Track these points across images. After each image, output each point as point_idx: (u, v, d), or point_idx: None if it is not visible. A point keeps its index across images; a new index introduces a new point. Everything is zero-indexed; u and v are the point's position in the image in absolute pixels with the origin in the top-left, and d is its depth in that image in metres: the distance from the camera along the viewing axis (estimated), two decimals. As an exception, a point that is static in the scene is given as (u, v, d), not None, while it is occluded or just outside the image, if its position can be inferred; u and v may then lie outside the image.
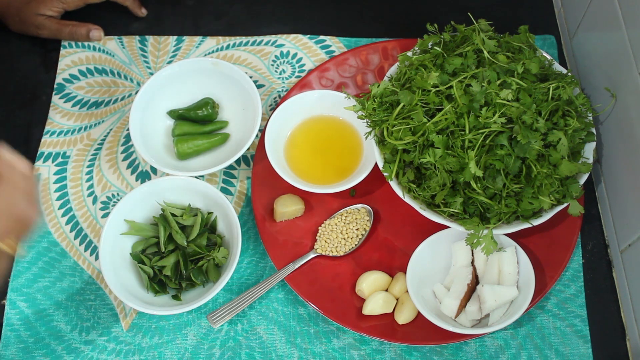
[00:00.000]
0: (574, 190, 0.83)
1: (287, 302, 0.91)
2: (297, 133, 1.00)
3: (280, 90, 1.07)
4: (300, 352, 0.88)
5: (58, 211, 0.98)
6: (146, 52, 1.10)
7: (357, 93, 1.04)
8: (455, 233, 0.89)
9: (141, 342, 0.89)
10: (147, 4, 1.14)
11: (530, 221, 0.84)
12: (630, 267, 0.88)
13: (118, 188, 1.00)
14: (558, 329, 0.89)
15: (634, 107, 0.85)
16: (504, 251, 0.87)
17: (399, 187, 0.87)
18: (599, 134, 0.94)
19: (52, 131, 1.04)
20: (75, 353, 0.89)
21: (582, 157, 0.87)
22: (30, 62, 1.10)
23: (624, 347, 0.89)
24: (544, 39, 1.09)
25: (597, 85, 0.95)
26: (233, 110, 1.03)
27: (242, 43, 1.11)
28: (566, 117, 0.84)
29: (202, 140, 0.99)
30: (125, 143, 1.03)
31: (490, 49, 0.87)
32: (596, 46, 0.97)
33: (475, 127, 0.82)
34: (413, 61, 0.90)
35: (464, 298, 0.86)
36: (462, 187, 0.84)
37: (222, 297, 0.92)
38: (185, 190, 0.93)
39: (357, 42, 1.10)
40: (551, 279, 0.89)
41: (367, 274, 0.90)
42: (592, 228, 0.96)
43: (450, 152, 0.82)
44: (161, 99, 1.01)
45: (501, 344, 0.89)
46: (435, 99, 0.84)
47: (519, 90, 0.84)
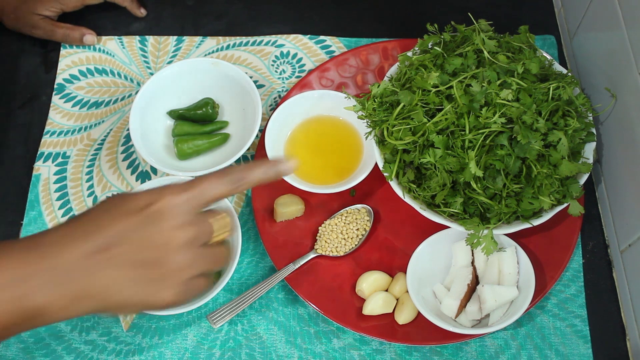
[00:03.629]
0: (574, 191, 0.83)
1: (287, 302, 0.92)
2: (297, 133, 1.00)
3: (280, 90, 1.07)
4: (300, 352, 0.88)
5: (58, 211, 0.98)
6: (146, 52, 1.10)
7: (357, 93, 1.04)
8: (455, 233, 0.89)
9: (141, 342, 0.89)
10: (147, 4, 1.14)
11: (531, 221, 0.84)
12: (630, 267, 0.88)
13: (118, 188, 1.00)
14: (558, 329, 0.89)
15: (634, 107, 0.85)
16: (504, 251, 0.87)
17: (399, 187, 0.87)
18: (599, 134, 0.94)
19: (52, 131, 1.04)
20: (75, 353, 0.89)
21: (582, 157, 0.87)
22: (30, 62, 1.10)
23: (624, 347, 0.89)
24: (544, 39, 1.09)
25: (597, 85, 0.95)
26: (233, 110, 1.03)
27: (242, 43, 1.11)
28: (566, 117, 0.84)
29: (202, 140, 0.99)
30: (125, 143, 1.03)
31: (491, 49, 0.87)
32: (596, 46, 0.97)
33: (476, 127, 0.82)
34: (413, 61, 0.90)
35: (464, 298, 0.86)
36: (462, 187, 0.84)
37: (222, 297, 0.92)
38: (185, 190, 0.93)
39: (357, 42, 1.10)
40: (551, 279, 0.89)
41: (367, 274, 0.90)
42: (592, 228, 0.96)
43: (450, 152, 0.82)
44: (161, 99, 1.01)
45: (501, 344, 0.89)
46: (436, 99, 0.84)
47: (519, 90, 0.84)
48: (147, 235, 0.59)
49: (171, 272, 0.60)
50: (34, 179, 1.00)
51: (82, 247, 0.58)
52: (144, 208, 0.60)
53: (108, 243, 0.59)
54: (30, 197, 0.99)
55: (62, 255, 0.58)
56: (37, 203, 0.98)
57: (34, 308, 0.57)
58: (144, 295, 0.60)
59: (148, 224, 0.60)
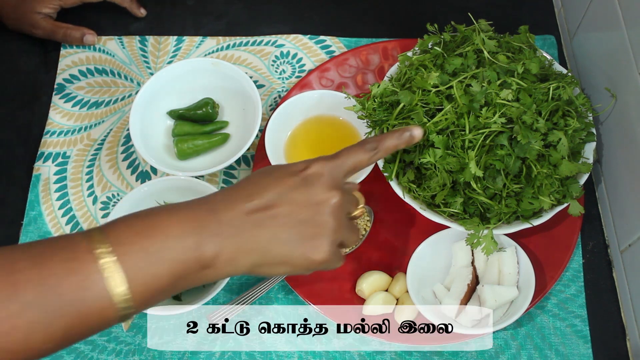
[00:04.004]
0: (574, 191, 0.83)
1: (287, 302, 0.92)
2: (297, 133, 1.00)
3: (280, 90, 1.07)
4: (300, 352, 0.88)
5: (58, 211, 0.98)
6: (146, 52, 1.10)
7: (357, 93, 1.04)
8: (455, 233, 0.89)
9: (141, 342, 0.89)
10: (147, 4, 1.14)
11: (531, 221, 0.84)
12: (631, 267, 0.88)
13: (118, 188, 1.00)
14: (558, 329, 0.89)
15: (634, 107, 0.85)
16: (504, 251, 0.87)
17: (399, 187, 0.87)
18: (599, 134, 0.94)
19: (52, 131, 1.04)
20: (75, 353, 0.89)
21: (582, 157, 0.87)
22: (30, 62, 1.10)
23: (624, 347, 0.89)
24: (544, 39, 1.09)
25: (597, 85, 0.95)
26: (233, 110, 1.03)
27: (242, 43, 1.11)
28: (566, 117, 0.84)
29: (202, 140, 0.99)
30: (125, 143, 1.03)
31: (491, 49, 0.87)
32: (596, 46, 0.97)
33: (476, 127, 0.82)
34: (413, 61, 0.90)
35: (464, 298, 0.86)
36: (462, 187, 0.84)
37: (222, 297, 0.92)
38: (185, 190, 0.93)
39: (357, 42, 1.10)
40: (551, 279, 0.89)
41: (367, 274, 0.90)
42: (592, 228, 0.96)
43: (450, 152, 0.82)
44: (161, 99, 1.01)
45: (501, 344, 0.89)
46: (436, 99, 0.83)
47: (519, 90, 0.84)
48: (305, 195, 0.66)
49: (325, 231, 0.66)
50: (34, 179, 1.00)
51: (247, 205, 0.64)
52: (300, 172, 0.67)
53: (270, 202, 0.65)
54: (30, 197, 0.99)
55: (229, 212, 0.64)
56: (37, 203, 0.98)
57: (206, 258, 0.62)
58: (302, 250, 0.66)
59: (305, 185, 0.67)
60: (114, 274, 0.57)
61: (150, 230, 0.60)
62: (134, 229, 0.60)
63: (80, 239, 0.59)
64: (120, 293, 0.58)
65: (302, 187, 0.67)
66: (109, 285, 0.57)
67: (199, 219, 0.63)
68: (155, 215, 0.62)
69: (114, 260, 0.58)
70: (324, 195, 0.67)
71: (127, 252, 0.58)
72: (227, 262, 0.63)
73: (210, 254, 0.62)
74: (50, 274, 0.56)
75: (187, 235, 0.61)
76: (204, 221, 0.63)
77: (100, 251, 0.58)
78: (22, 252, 0.57)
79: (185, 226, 0.62)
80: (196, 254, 0.62)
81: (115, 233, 0.60)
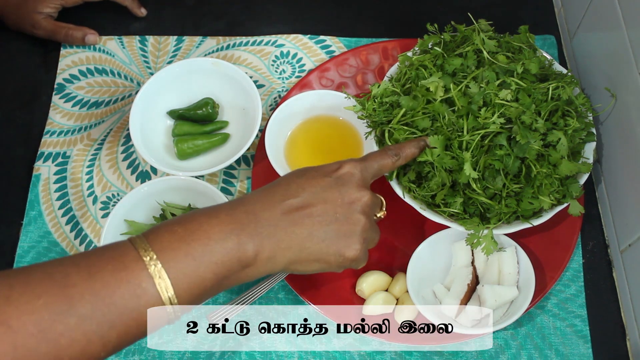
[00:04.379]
0: (574, 190, 0.83)
1: (287, 302, 0.91)
2: (297, 133, 1.00)
3: (280, 90, 1.07)
4: (300, 352, 0.88)
5: (58, 211, 0.98)
6: (146, 52, 1.10)
7: (357, 93, 1.04)
8: (455, 233, 0.89)
9: (141, 342, 0.89)
10: (147, 4, 1.14)
11: (531, 221, 0.84)
12: (631, 267, 0.88)
13: (118, 188, 1.00)
14: (558, 329, 0.89)
15: (634, 107, 0.85)
16: (504, 251, 0.87)
17: (399, 187, 0.87)
18: (599, 134, 0.94)
19: (52, 131, 1.04)
20: (75, 353, 0.89)
21: (582, 157, 0.87)
22: (30, 62, 1.10)
23: (624, 347, 0.89)
24: (544, 39, 1.09)
25: (597, 85, 0.95)
26: (233, 110, 1.03)
27: (242, 43, 1.11)
28: (566, 117, 0.84)
29: (202, 140, 0.99)
30: (125, 143, 1.03)
31: (490, 49, 0.87)
32: (596, 46, 0.97)
33: (474, 128, 0.82)
34: (413, 61, 0.90)
35: (464, 298, 0.86)
36: (462, 187, 0.84)
37: (222, 297, 0.92)
38: (185, 190, 0.93)
39: (357, 42, 1.10)
40: (551, 279, 0.89)
41: (367, 274, 0.90)
42: (592, 228, 0.96)
43: (448, 153, 0.82)
44: (161, 99, 1.01)
45: (501, 344, 0.89)
46: (441, 109, 0.83)
47: (518, 90, 0.83)
48: (338, 194, 0.70)
49: (357, 228, 0.70)
50: (34, 179, 1.00)
51: (282, 205, 0.68)
52: (333, 172, 0.71)
53: (306, 201, 0.68)
54: (30, 197, 0.99)
55: (266, 212, 0.67)
56: (37, 203, 0.98)
57: (247, 258, 0.65)
58: (337, 247, 0.69)
59: (338, 184, 0.70)
60: (162, 281, 0.60)
61: (192, 234, 0.63)
62: (176, 235, 0.63)
63: (127, 249, 0.62)
64: (169, 298, 0.61)
65: (335, 187, 0.70)
66: (160, 291, 0.60)
67: (238, 220, 0.65)
68: (195, 220, 0.65)
69: (160, 267, 0.61)
70: (357, 195, 0.70)
71: (172, 258, 0.61)
72: (266, 260, 0.66)
73: (250, 253, 0.65)
74: (103, 285, 0.58)
75: (228, 237, 0.64)
76: (243, 222, 0.66)
77: (148, 259, 0.61)
78: (72, 265, 0.60)
79: (225, 229, 0.64)
80: (238, 255, 0.64)
81: (159, 239, 0.62)
